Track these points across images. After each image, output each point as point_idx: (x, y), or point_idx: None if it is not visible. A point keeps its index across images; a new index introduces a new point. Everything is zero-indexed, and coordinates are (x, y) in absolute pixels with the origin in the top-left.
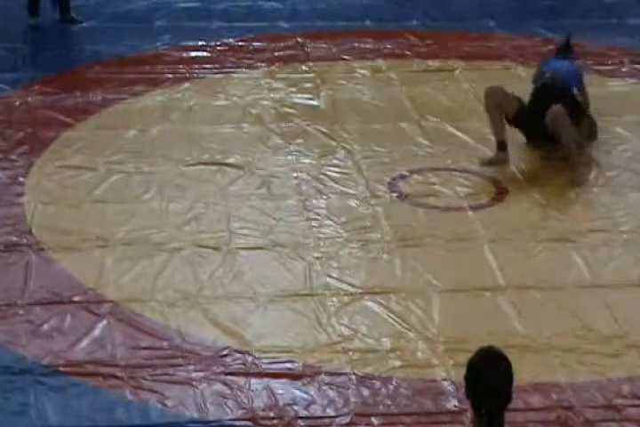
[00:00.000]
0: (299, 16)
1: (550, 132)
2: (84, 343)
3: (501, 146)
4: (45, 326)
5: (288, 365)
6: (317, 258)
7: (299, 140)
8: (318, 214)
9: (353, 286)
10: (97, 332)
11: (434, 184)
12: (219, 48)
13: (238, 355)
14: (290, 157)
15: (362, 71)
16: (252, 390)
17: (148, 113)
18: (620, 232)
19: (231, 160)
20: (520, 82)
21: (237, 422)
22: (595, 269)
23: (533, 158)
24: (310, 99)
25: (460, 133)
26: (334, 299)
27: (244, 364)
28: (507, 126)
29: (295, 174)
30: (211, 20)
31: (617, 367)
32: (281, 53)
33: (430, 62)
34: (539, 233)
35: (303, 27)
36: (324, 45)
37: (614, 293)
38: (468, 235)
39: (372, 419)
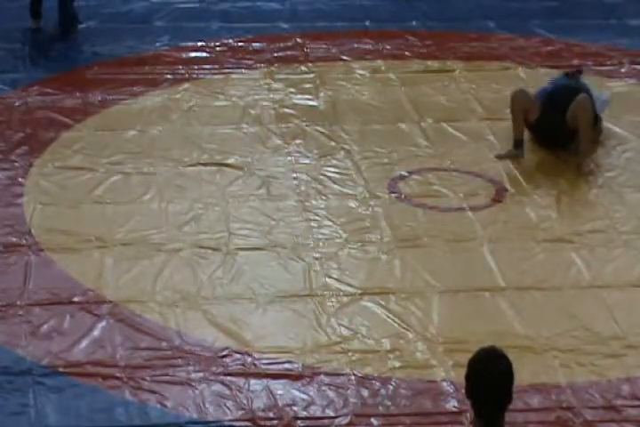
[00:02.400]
0: (298, 17)
1: (569, 121)
2: (83, 344)
3: (519, 143)
4: (45, 327)
5: (287, 365)
6: (317, 258)
7: (298, 141)
8: (317, 215)
9: (352, 286)
10: (96, 332)
11: (433, 185)
12: (218, 49)
13: (237, 355)
14: (289, 158)
15: (361, 72)
16: (252, 391)
17: (148, 114)
18: (619, 233)
19: (230, 161)
20: (520, 82)
21: (237, 423)
22: (594, 270)
23: (533, 159)
24: (310, 99)
25: (459, 134)
26: (334, 299)
27: (243, 364)
28: None
29: (294, 175)
30: (210, 21)
31: (616, 368)
32: (280, 54)
33: (430, 63)
34: (538, 234)
35: (302, 27)
36: (324, 46)
37: (614, 293)
38: (468, 235)
39: (372, 419)
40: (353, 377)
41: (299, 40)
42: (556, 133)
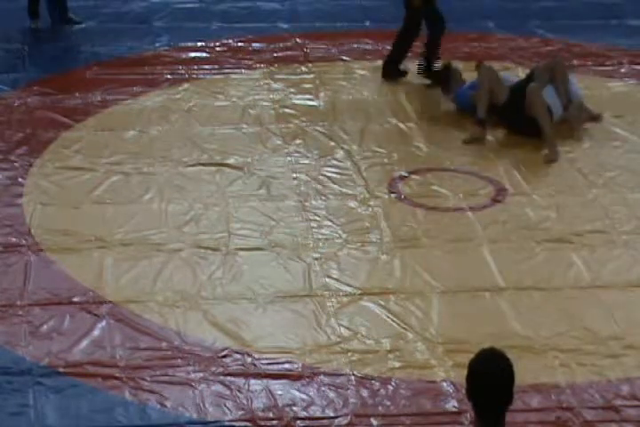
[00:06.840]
0: (298, 17)
1: (527, 110)
2: (83, 344)
3: (482, 123)
4: (45, 327)
5: (287, 365)
6: (316, 259)
7: (298, 141)
8: (317, 215)
9: (352, 286)
10: (96, 333)
11: (433, 185)
12: (218, 49)
13: (237, 356)
14: (289, 158)
15: (361, 72)
16: (252, 391)
17: (148, 114)
18: (619, 233)
19: (230, 161)
20: None
21: (236, 423)
22: (594, 270)
23: (532, 159)
24: (310, 99)
25: (459, 134)
26: (333, 300)
27: (243, 365)
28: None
29: (294, 175)
30: (210, 21)
31: (616, 368)
32: (280, 54)
33: None
34: (538, 234)
35: (302, 28)
36: (324, 46)
37: (613, 293)
38: (468, 235)
39: (372, 420)
40: (353, 377)
41: (298, 40)
42: (520, 119)
